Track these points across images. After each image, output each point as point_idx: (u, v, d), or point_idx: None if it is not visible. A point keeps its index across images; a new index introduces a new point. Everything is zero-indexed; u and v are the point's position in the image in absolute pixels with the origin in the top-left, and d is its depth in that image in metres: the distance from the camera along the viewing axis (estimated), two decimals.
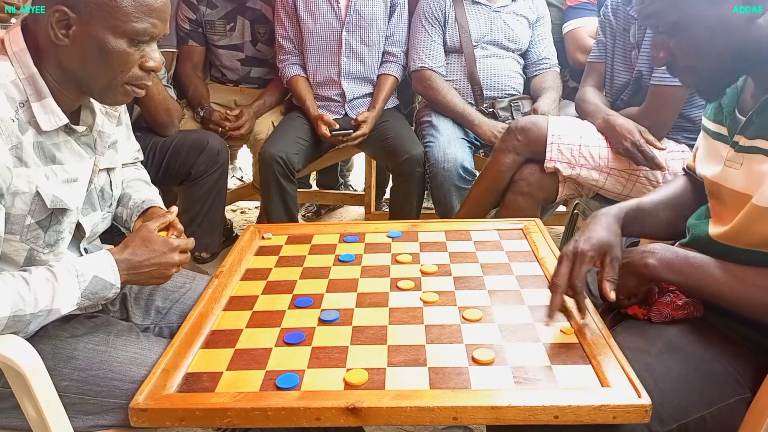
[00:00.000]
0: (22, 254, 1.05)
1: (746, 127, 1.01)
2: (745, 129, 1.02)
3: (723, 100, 1.10)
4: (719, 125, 1.10)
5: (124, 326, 1.16)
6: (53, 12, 0.98)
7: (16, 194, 1.00)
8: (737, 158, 1.03)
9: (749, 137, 1.01)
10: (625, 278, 1.10)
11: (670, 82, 1.81)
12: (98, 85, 1.06)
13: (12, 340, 0.96)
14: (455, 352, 1.02)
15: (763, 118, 0.99)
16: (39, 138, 1.03)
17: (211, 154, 2.22)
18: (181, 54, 2.59)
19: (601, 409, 0.87)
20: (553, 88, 2.45)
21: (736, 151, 1.03)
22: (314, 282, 1.29)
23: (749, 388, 1.01)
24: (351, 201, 3.21)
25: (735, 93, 1.09)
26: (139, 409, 0.91)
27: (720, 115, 1.10)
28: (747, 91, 1.07)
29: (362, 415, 0.89)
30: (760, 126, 0.99)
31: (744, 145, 1.02)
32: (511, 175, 2.03)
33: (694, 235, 1.15)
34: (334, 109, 2.58)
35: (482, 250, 1.42)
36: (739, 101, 1.08)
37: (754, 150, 0.99)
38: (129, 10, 0.99)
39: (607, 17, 2.05)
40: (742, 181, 1.02)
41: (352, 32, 2.51)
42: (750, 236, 1.01)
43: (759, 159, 0.98)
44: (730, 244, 1.05)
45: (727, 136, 1.07)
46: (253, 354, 1.04)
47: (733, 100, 1.08)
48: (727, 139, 1.07)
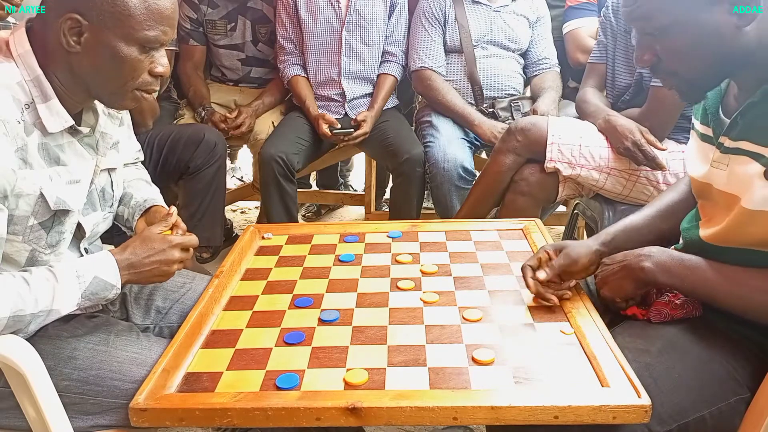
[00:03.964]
0: (24, 255, 1.06)
1: (731, 129, 1.01)
2: (729, 131, 1.02)
3: (706, 102, 1.09)
4: (705, 126, 1.10)
5: (124, 326, 1.16)
6: (65, 20, 0.98)
7: (20, 196, 1.00)
8: (723, 159, 1.03)
9: (734, 139, 1.01)
10: (621, 282, 1.10)
11: None
12: (108, 90, 1.07)
13: (12, 340, 0.96)
14: (455, 353, 1.02)
15: (747, 120, 0.99)
16: (44, 140, 1.03)
17: (208, 147, 2.21)
18: (182, 53, 2.59)
19: (600, 409, 0.87)
20: (553, 88, 2.45)
21: (721, 153, 1.03)
22: (314, 282, 1.29)
23: (749, 388, 1.01)
24: (351, 201, 3.20)
25: (718, 95, 1.08)
26: (139, 408, 0.91)
27: (705, 117, 1.10)
28: (730, 93, 1.07)
29: (362, 415, 0.89)
30: (744, 128, 0.99)
31: (729, 147, 1.02)
32: (511, 175, 2.03)
33: (686, 239, 1.15)
34: (335, 109, 2.58)
35: (482, 250, 1.42)
36: (723, 103, 1.07)
37: (739, 151, 0.99)
38: (141, 18, 1.00)
39: (608, 18, 2.05)
40: (728, 182, 1.02)
41: (352, 32, 2.51)
42: (741, 237, 1.01)
43: (744, 160, 0.98)
44: (721, 245, 1.05)
45: (712, 137, 1.07)
46: (253, 354, 1.04)
47: (717, 102, 1.08)
48: (712, 140, 1.07)
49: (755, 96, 0.97)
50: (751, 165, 0.96)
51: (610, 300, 1.14)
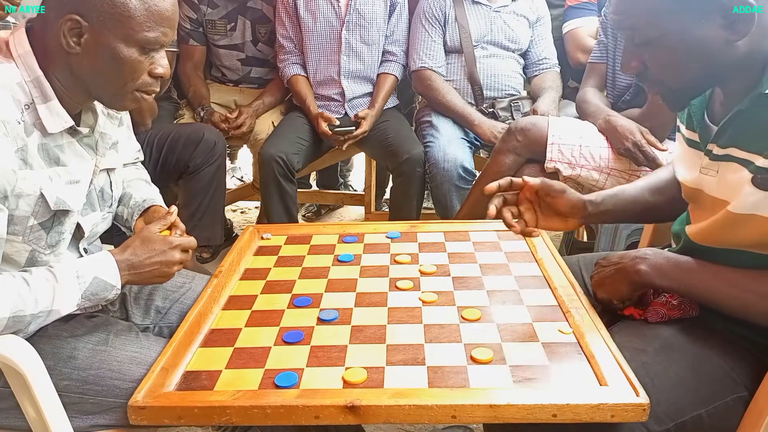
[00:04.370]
0: (24, 255, 1.06)
1: (719, 136, 1.01)
2: (717, 138, 1.01)
3: (691, 108, 1.09)
4: (692, 132, 1.10)
5: (123, 326, 1.16)
6: (66, 20, 0.99)
7: (20, 196, 1.00)
8: (712, 166, 1.02)
9: (722, 146, 1.00)
10: (617, 284, 1.11)
11: None
12: (108, 91, 1.07)
13: (12, 340, 0.96)
14: (454, 352, 1.02)
15: (735, 127, 0.98)
16: (43, 140, 1.04)
17: (207, 146, 2.21)
18: (182, 53, 2.59)
19: (599, 407, 0.87)
20: (553, 88, 2.45)
21: (710, 160, 1.03)
22: (313, 282, 1.29)
23: (746, 387, 1.01)
24: (351, 201, 3.20)
25: (703, 101, 1.08)
26: (137, 407, 0.92)
27: (691, 122, 1.10)
28: (716, 100, 1.06)
29: (361, 413, 0.89)
30: (733, 135, 0.98)
31: (718, 154, 1.01)
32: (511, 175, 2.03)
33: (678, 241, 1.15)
34: (334, 108, 2.58)
35: (481, 250, 1.42)
36: (708, 108, 1.07)
37: (728, 158, 0.99)
38: (141, 19, 1.00)
39: (608, 18, 2.06)
40: (718, 189, 1.01)
41: (352, 31, 2.51)
42: (726, 238, 1.01)
43: (733, 167, 0.98)
44: (705, 244, 1.05)
45: (699, 143, 1.07)
46: (252, 353, 1.04)
47: (702, 108, 1.07)
48: (700, 147, 1.06)
49: (743, 104, 0.96)
50: (742, 172, 0.96)
51: (607, 301, 1.14)
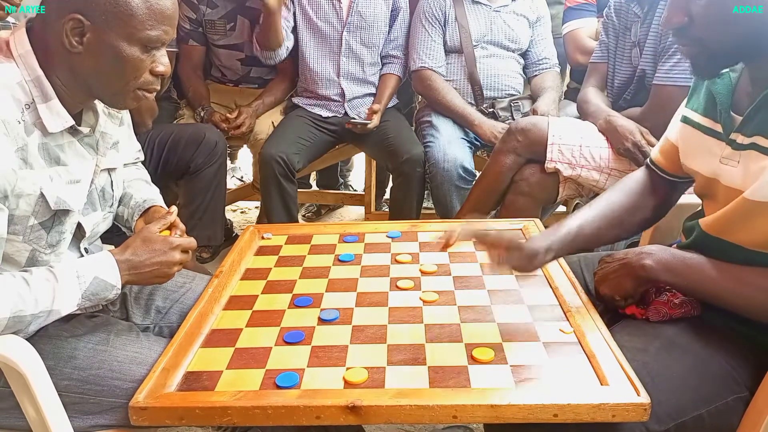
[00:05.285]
0: (24, 255, 1.06)
1: (744, 124, 1.00)
2: (742, 126, 1.01)
3: (717, 96, 1.07)
4: (712, 121, 1.09)
5: (124, 326, 1.16)
6: (68, 20, 0.98)
7: (20, 196, 1.00)
8: (734, 156, 1.02)
9: (747, 135, 1.00)
10: (622, 279, 1.10)
11: (672, 82, 1.81)
12: (110, 90, 1.07)
13: (12, 340, 0.96)
14: (455, 351, 1.02)
15: (762, 114, 0.98)
16: (44, 140, 1.03)
17: (208, 147, 2.22)
18: (181, 53, 2.59)
19: (600, 407, 0.87)
20: (553, 89, 2.45)
21: (733, 149, 1.02)
22: (314, 282, 1.29)
23: (747, 387, 1.01)
24: (351, 201, 3.20)
25: (729, 89, 1.06)
26: (139, 407, 0.92)
27: (713, 111, 1.08)
28: (742, 89, 1.05)
29: (362, 414, 0.89)
30: (759, 123, 0.98)
31: (742, 143, 1.01)
32: (511, 175, 2.03)
33: (689, 236, 1.15)
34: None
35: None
36: (734, 99, 1.06)
37: (753, 147, 0.99)
38: (143, 18, 1.01)
39: (610, 18, 2.06)
40: (739, 179, 1.01)
41: (353, 33, 2.52)
42: (740, 227, 1.00)
43: (757, 157, 0.97)
44: (719, 235, 1.04)
45: (721, 133, 1.06)
46: (252, 353, 1.04)
47: (729, 97, 1.06)
48: (722, 136, 1.05)
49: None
50: (764, 161, 0.95)
51: (609, 298, 1.14)
